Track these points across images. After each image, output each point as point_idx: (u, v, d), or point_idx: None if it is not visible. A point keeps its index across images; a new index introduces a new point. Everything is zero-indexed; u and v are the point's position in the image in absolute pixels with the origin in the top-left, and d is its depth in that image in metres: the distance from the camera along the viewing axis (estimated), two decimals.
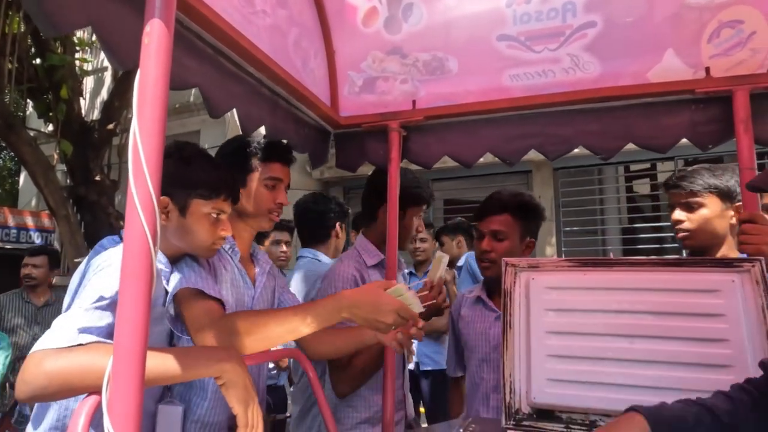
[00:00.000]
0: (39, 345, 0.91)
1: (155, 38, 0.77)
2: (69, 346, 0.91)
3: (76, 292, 1.17)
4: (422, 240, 3.40)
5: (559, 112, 1.69)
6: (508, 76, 1.72)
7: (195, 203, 1.22)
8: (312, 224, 2.38)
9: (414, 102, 1.80)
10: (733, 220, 1.56)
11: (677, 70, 1.56)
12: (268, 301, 1.57)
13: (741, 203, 1.50)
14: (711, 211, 1.56)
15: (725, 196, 1.56)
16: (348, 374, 1.66)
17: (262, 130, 1.51)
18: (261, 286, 1.52)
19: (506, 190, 1.79)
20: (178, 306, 1.23)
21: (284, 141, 1.58)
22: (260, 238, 3.12)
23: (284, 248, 3.06)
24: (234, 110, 1.36)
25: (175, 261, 1.30)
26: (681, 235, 1.61)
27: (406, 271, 3.25)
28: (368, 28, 1.78)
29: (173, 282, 1.24)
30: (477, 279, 3.04)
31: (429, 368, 3.25)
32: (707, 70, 1.53)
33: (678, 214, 1.61)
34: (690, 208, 1.58)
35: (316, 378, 1.54)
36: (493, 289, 1.76)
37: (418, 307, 1.19)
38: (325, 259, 2.27)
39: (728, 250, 1.57)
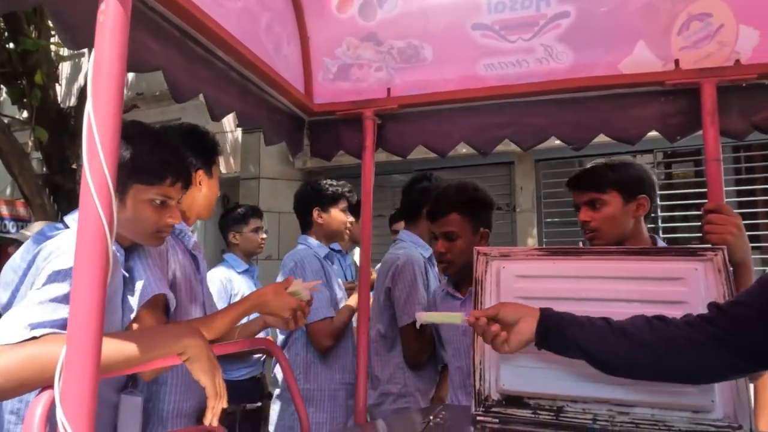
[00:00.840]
0: None
1: (110, 16, 0.76)
2: (22, 341, 0.88)
3: (19, 284, 1.11)
4: None
5: (533, 102, 1.70)
6: (483, 66, 1.72)
7: (135, 189, 1.14)
8: (297, 212, 2.43)
9: (389, 90, 1.79)
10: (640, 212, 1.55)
11: (648, 61, 1.57)
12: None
13: (645, 196, 1.53)
14: (614, 208, 1.52)
15: (627, 190, 1.53)
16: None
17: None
18: (203, 271, 1.61)
19: (451, 187, 1.83)
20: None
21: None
22: (239, 224, 3.10)
23: (264, 235, 3.05)
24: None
25: (125, 246, 1.25)
26: (589, 235, 1.57)
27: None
28: (343, 14, 1.76)
29: (138, 288, 1.21)
30: None
31: None
32: (676, 62, 1.54)
33: (584, 214, 1.57)
34: (594, 206, 1.55)
35: (289, 367, 1.55)
36: (459, 282, 1.83)
37: (306, 296, 1.45)
38: (313, 242, 2.31)
39: (638, 243, 1.55)
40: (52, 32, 6.29)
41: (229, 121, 6.89)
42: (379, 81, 1.80)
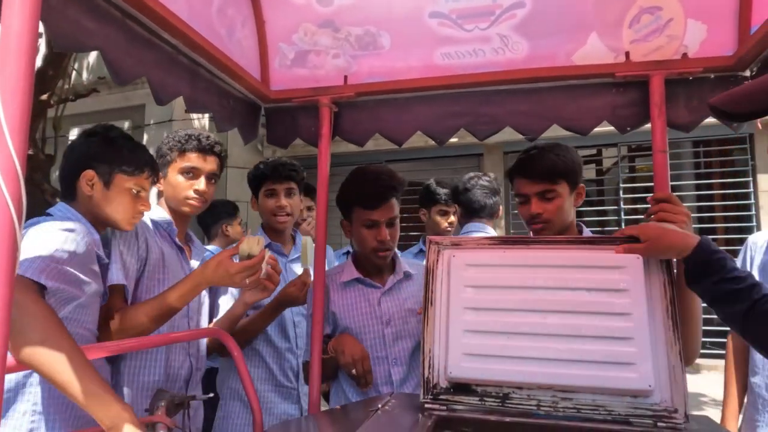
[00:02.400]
0: None
1: None
2: None
3: None
4: None
5: (489, 92, 1.70)
6: (440, 54, 1.72)
7: (119, 178, 1.37)
8: None
9: (346, 77, 1.77)
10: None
11: (600, 53, 1.59)
12: None
13: (583, 184, 1.51)
14: (564, 199, 1.47)
15: (572, 180, 1.48)
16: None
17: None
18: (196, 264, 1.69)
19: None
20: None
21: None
22: (231, 217, 3.14)
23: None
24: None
25: (100, 233, 1.41)
26: (537, 226, 1.50)
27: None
28: (300, 0, 1.72)
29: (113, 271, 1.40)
30: None
31: None
32: (627, 54, 1.57)
33: (536, 206, 1.47)
34: (546, 197, 1.46)
35: (241, 357, 1.52)
36: (370, 270, 1.70)
37: (257, 250, 1.45)
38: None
39: (572, 232, 1.53)
40: None
41: None
42: (336, 68, 1.78)
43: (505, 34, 1.65)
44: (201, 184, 1.63)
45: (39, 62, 6.16)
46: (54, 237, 1.16)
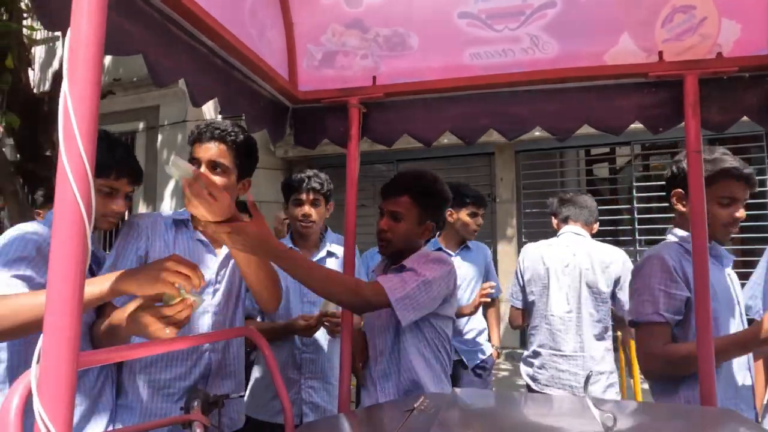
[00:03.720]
0: None
1: None
2: None
3: None
4: None
5: (518, 92, 1.70)
6: (469, 55, 1.71)
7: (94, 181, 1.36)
8: None
9: (374, 78, 1.77)
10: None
11: (632, 53, 1.58)
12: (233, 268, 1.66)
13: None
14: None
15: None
16: None
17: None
18: (224, 254, 1.64)
19: (411, 171, 1.73)
20: None
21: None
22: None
23: None
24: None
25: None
26: (734, 230, 1.60)
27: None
28: (328, 1, 1.73)
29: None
30: None
31: None
32: (660, 54, 1.56)
33: (742, 212, 1.59)
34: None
35: (272, 355, 1.53)
36: (391, 264, 1.72)
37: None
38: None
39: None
40: (25, 15, 6.09)
41: (209, 108, 6.76)
42: (364, 69, 1.78)
43: (536, 34, 1.65)
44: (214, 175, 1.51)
45: (56, 65, 6.25)
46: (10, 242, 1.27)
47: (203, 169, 1.48)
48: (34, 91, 5.67)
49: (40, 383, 0.68)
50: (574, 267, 2.48)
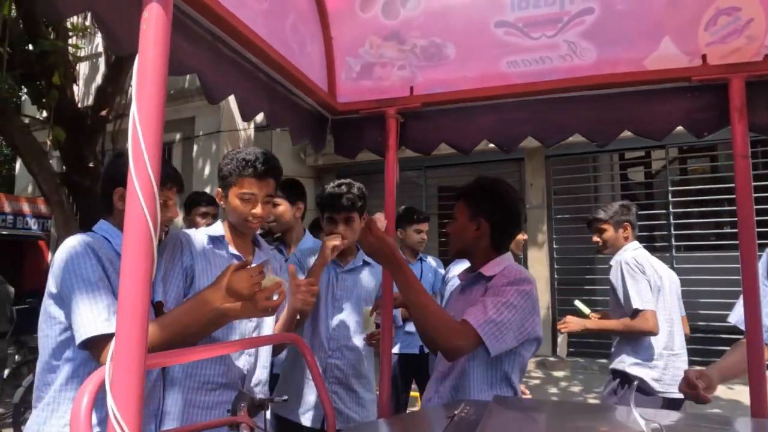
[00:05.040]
0: None
1: (153, 23, 0.77)
2: None
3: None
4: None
5: (556, 99, 1.69)
6: (506, 63, 1.72)
7: None
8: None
9: (411, 88, 1.80)
10: None
11: (674, 57, 1.56)
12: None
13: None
14: None
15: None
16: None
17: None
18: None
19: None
20: None
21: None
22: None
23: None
24: (230, 97, 1.36)
25: None
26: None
27: None
28: (366, 13, 1.77)
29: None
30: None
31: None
32: (704, 57, 1.53)
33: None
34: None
35: (315, 362, 1.56)
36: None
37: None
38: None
39: None
40: (70, 33, 6.38)
41: (239, 118, 6.93)
42: (402, 79, 1.81)
43: (573, 41, 1.64)
44: (258, 209, 1.68)
45: (98, 80, 6.52)
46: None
47: (259, 205, 1.67)
48: (78, 105, 5.92)
49: (113, 382, 0.72)
50: (668, 270, 2.73)
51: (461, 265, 2.78)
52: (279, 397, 1.68)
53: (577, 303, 3.25)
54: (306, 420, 2.07)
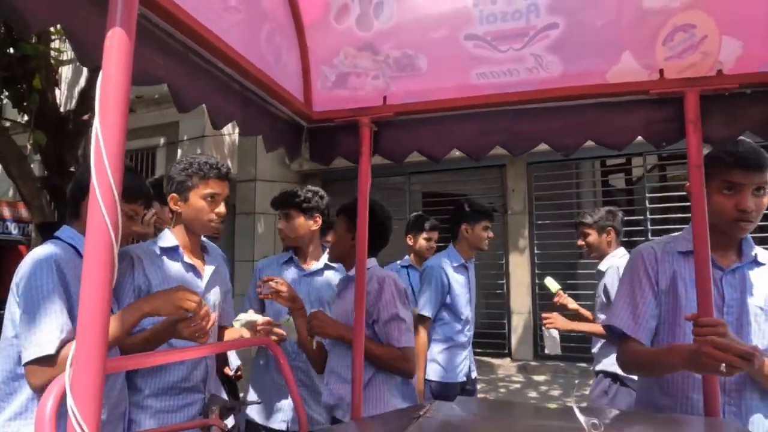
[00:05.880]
0: None
1: (116, 40, 0.81)
2: None
3: None
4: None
5: (523, 110, 1.75)
6: (475, 75, 1.78)
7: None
8: None
9: (385, 98, 1.84)
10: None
11: (633, 71, 1.63)
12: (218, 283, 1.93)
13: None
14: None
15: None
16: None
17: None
18: (209, 274, 1.87)
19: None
20: None
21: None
22: None
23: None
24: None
25: None
26: (745, 224, 1.50)
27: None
28: (341, 24, 1.81)
29: None
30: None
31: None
32: (661, 72, 1.60)
33: (749, 201, 1.47)
34: (758, 194, 1.49)
35: (287, 365, 1.60)
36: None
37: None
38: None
39: None
40: (52, 37, 6.34)
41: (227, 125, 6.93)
42: (375, 89, 1.85)
43: (539, 54, 1.70)
44: (222, 207, 1.80)
45: (82, 83, 6.49)
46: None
47: (222, 204, 1.81)
48: (61, 109, 5.88)
49: (73, 385, 0.75)
50: None
51: None
52: (251, 401, 1.72)
53: (548, 280, 3.29)
54: (275, 423, 2.11)
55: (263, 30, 1.65)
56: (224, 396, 1.79)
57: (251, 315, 1.92)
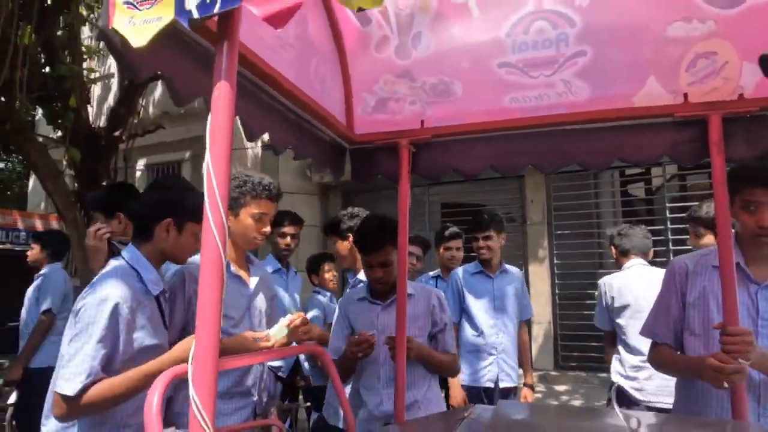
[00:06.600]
0: None
1: (222, 91, 0.95)
2: None
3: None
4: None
5: (553, 132, 1.87)
6: (508, 99, 1.90)
7: (189, 225, 1.60)
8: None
9: (422, 121, 1.98)
10: None
11: (659, 95, 1.74)
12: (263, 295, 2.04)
13: None
14: None
15: None
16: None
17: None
18: (254, 284, 1.99)
19: (381, 221, 2.09)
20: None
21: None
22: None
23: None
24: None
25: (159, 262, 1.63)
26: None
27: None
28: (381, 54, 1.95)
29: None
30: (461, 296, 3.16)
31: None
32: (685, 96, 1.71)
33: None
34: None
35: (336, 374, 1.71)
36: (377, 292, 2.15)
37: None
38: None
39: None
40: (85, 57, 6.62)
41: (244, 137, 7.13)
42: (413, 113, 1.99)
43: (568, 80, 1.83)
44: (267, 227, 1.93)
45: (111, 101, 6.76)
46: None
47: (268, 224, 1.95)
48: (92, 125, 6.13)
49: (194, 378, 0.89)
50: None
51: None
52: (303, 404, 1.85)
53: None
54: (341, 423, 2.24)
55: (312, 62, 1.80)
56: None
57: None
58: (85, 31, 7.47)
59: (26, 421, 3.32)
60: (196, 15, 0.89)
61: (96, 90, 8.65)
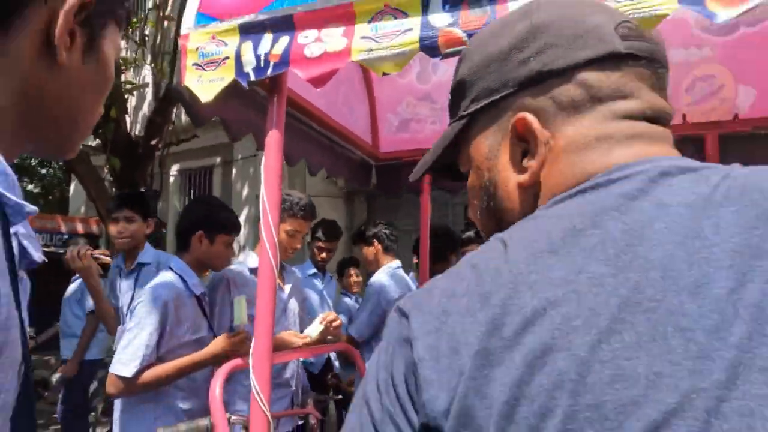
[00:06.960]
0: None
1: (273, 139, 1.16)
2: None
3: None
4: None
5: None
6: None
7: (220, 237, 1.86)
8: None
9: None
10: None
11: None
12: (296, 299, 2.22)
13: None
14: None
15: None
16: None
17: None
18: (288, 289, 2.17)
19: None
20: None
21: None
22: None
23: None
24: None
25: (200, 269, 1.91)
26: None
27: None
28: (403, 79, 2.15)
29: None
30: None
31: None
32: (684, 116, 1.85)
33: None
34: None
35: (365, 368, 1.92)
36: None
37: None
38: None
39: None
40: (122, 68, 6.98)
41: None
42: (434, 132, 2.18)
43: None
44: (298, 243, 2.10)
45: (146, 109, 7.10)
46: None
47: (300, 240, 2.11)
48: (130, 134, 6.47)
49: (254, 368, 1.10)
50: None
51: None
52: (334, 396, 2.05)
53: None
54: None
55: (341, 89, 2.00)
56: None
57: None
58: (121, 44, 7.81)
59: (71, 404, 3.57)
60: (253, 77, 1.09)
61: (132, 99, 9.05)
